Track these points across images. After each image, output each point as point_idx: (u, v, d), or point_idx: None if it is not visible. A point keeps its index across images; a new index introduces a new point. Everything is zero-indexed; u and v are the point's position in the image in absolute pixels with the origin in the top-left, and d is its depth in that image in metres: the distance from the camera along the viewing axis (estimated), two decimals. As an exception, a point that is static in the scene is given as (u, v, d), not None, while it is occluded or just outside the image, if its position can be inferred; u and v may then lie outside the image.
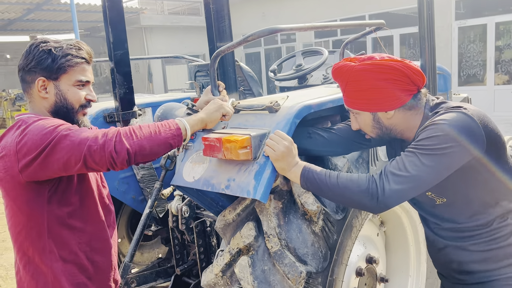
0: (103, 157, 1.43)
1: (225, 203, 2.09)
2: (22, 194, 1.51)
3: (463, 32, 11.72)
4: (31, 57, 1.56)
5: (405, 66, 1.51)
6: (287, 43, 16.08)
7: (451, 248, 1.63)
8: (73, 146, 1.43)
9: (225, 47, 1.89)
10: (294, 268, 1.64)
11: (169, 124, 1.56)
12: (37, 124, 1.48)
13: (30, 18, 14.76)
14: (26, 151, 1.43)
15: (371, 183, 1.44)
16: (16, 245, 1.60)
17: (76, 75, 1.60)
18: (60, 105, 1.59)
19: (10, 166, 1.47)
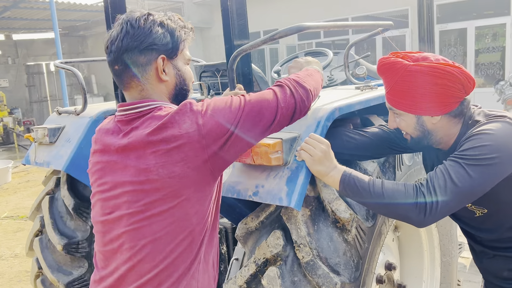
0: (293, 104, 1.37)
1: (242, 210, 1.99)
2: (201, 189, 1.28)
3: (443, 35, 11.93)
4: (143, 32, 1.28)
5: (461, 72, 1.44)
6: (270, 45, 16.03)
7: (500, 257, 1.60)
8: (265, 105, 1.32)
9: (248, 45, 1.80)
10: (328, 279, 1.56)
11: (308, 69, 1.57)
12: (216, 102, 1.29)
13: (6, 16, 14.27)
14: (217, 132, 1.24)
15: (420, 197, 1.36)
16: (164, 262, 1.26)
17: (186, 51, 1.41)
18: (180, 87, 1.38)
19: (192, 156, 1.22)
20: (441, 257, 2.53)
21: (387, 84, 1.54)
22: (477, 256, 1.70)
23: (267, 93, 1.36)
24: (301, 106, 1.40)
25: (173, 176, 1.23)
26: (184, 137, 1.22)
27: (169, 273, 1.27)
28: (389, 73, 1.51)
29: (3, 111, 13.64)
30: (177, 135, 1.22)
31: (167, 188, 1.24)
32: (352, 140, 1.75)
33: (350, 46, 2.67)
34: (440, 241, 2.50)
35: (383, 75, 1.56)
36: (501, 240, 1.55)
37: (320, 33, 14.33)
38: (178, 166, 1.23)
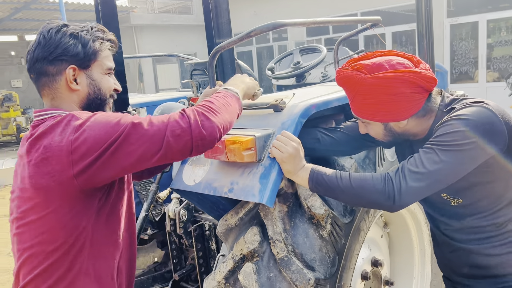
0: (188, 141, 1.24)
1: (226, 207, 2.00)
2: (69, 205, 1.26)
3: (454, 29, 11.75)
4: (53, 44, 1.32)
5: (417, 76, 1.42)
6: (279, 42, 16.01)
7: (463, 251, 1.56)
8: (150, 135, 1.22)
9: (225, 43, 1.81)
10: (302, 275, 1.57)
11: (229, 95, 1.41)
12: (96, 118, 1.25)
13: (17, 17, 14.50)
14: (86, 151, 1.20)
15: (387, 182, 1.37)
16: (38, 267, 1.31)
17: (105, 61, 1.41)
18: (94, 96, 1.39)
19: (58, 170, 1.22)
20: (432, 254, 2.51)
21: (348, 95, 1.55)
22: (439, 248, 1.68)
23: (160, 121, 1.26)
24: (199, 144, 1.27)
25: (40, 188, 1.25)
26: (54, 150, 1.22)
27: (44, 278, 1.31)
28: (347, 85, 1.52)
29: (16, 111, 13.87)
30: (47, 146, 1.23)
31: (36, 199, 1.28)
32: (326, 136, 1.75)
33: (338, 42, 2.66)
34: (430, 238, 2.48)
35: (343, 87, 1.56)
36: (468, 231, 1.53)
37: (329, 29, 14.25)
38: (45, 178, 1.24)
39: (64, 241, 1.29)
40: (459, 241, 1.57)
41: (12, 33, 17.24)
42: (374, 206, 1.49)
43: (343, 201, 1.55)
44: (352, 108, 1.58)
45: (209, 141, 1.28)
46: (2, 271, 4.74)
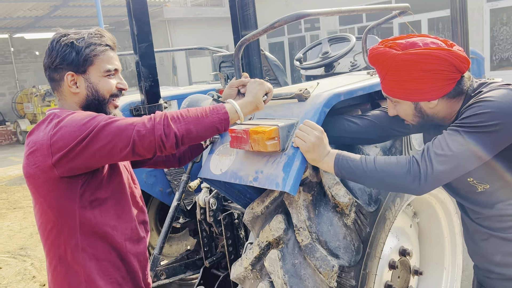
0: (152, 141, 1.39)
1: (253, 196, 2.05)
2: (53, 190, 1.45)
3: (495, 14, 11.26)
4: (54, 53, 1.51)
5: (451, 54, 1.41)
6: (311, 31, 15.85)
7: (495, 238, 1.54)
8: (118, 132, 1.38)
9: (250, 35, 1.84)
10: (326, 262, 1.59)
11: (217, 108, 1.49)
12: (73, 117, 1.43)
13: (57, 15, 15.02)
14: (62, 144, 1.38)
15: (413, 164, 1.37)
16: (46, 245, 1.54)
17: (103, 64, 1.54)
18: (92, 98, 1.54)
19: (41, 161, 1.41)
20: (463, 244, 2.47)
21: (380, 74, 1.54)
22: (470, 236, 1.66)
23: (128, 123, 1.41)
24: (161, 145, 1.40)
25: (29, 176, 1.46)
26: (37, 144, 1.42)
27: (52, 255, 1.54)
28: (379, 63, 1.51)
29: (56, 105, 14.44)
30: (34, 141, 1.45)
31: (30, 186, 1.50)
32: (353, 124, 1.75)
33: (367, 31, 2.64)
34: (461, 228, 2.44)
35: (374, 65, 1.55)
36: (500, 218, 1.51)
37: (363, 17, 13.97)
38: (32, 168, 1.44)
39: (55, 222, 1.49)
40: (491, 229, 1.55)
41: (52, 30, 17.85)
42: (400, 189, 1.48)
43: (368, 185, 1.55)
44: (383, 86, 1.57)
45: (169, 145, 1.41)
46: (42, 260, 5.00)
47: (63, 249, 1.51)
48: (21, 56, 17.32)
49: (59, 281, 1.54)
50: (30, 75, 17.45)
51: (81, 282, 1.52)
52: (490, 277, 1.62)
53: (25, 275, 4.61)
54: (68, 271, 1.52)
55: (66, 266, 1.52)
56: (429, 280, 2.51)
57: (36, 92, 14.31)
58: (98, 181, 1.52)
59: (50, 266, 1.56)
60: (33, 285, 4.36)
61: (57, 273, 1.54)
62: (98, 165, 1.46)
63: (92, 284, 1.52)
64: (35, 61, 17.66)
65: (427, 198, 2.32)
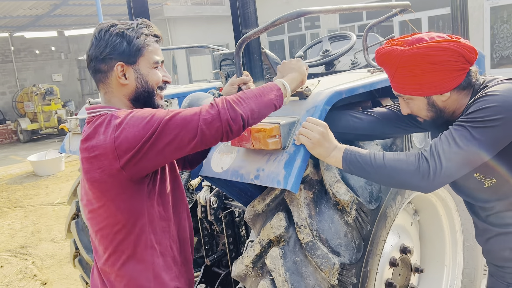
0: (219, 127, 1.37)
1: (253, 193, 2.05)
2: (122, 192, 1.41)
3: (495, 12, 11.25)
4: (103, 43, 1.45)
5: (459, 45, 1.42)
6: (312, 30, 15.84)
7: (503, 235, 1.56)
8: (184, 123, 1.35)
9: (251, 33, 1.83)
10: (327, 260, 1.60)
11: (270, 86, 1.50)
12: (133, 116, 1.38)
13: (57, 14, 15.00)
14: (128, 146, 1.33)
15: (422, 162, 1.36)
16: (111, 246, 1.49)
17: (152, 56, 1.51)
18: (142, 90, 1.50)
19: (107, 165, 1.36)
20: (464, 242, 2.47)
21: (389, 73, 1.54)
22: (480, 235, 1.66)
23: (192, 112, 1.39)
24: (228, 130, 1.39)
25: (95, 180, 1.41)
26: (100, 148, 1.37)
27: (117, 256, 1.50)
28: (388, 62, 1.51)
29: (57, 104, 14.42)
30: (95, 145, 1.38)
31: (93, 190, 1.45)
32: (357, 120, 1.76)
33: (367, 29, 2.63)
34: (462, 226, 2.44)
35: (383, 65, 1.56)
36: (508, 214, 1.51)
37: (363, 15, 13.96)
38: (97, 172, 1.39)
39: (125, 223, 1.45)
40: (499, 226, 1.56)
41: (52, 29, 17.88)
42: (408, 186, 1.47)
43: (376, 181, 1.55)
44: (394, 85, 1.57)
45: (236, 128, 1.39)
46: (47, 256, 5.01)
47: (132, 248, 1.48)
48: (21, 55, 17.32)
49: (126, 280, 1.50)
50: (31, 74, 17.46)
51: (150, 279, 1.51)
52: (502, 270, 1.63)
53: (26, 274, 4.62)
54: (135, 269, 1.50)
55: (134, 265, 1.49)
56: (430, 277, 2.51)
57: (36, 91, 14.31)
58: (160, 177, 1.52)
59: (114, 267, 1.50)
60: (34, 284, 4.37)
61: (124, 272, 1.50)
62: (166, 161, 1.43)
63: (159, 280, 1.52)
64: (35, 59, 17.66)
65: (428, 196, 2.32)
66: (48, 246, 5.33)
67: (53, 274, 4.55)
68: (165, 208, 1.54)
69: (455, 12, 2.95)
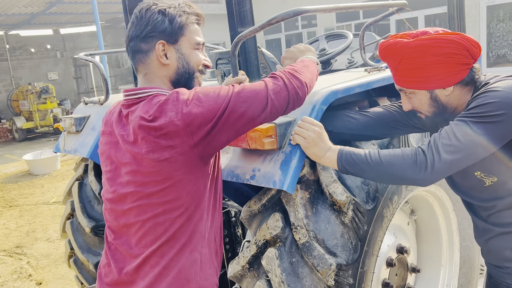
0: (286, 96, 1.39)
1: (249, 193, 2.04)
2: (191, 172, 1.35)
3: (491, 11, 11.28)
4: (144, 21, 1.40)
5: (463, 38, 1.41)
6: (308, 28, 15.84)
7: (504, 234, 1.55)
8: (254, 93, 1.35)
9: (247, 31, 1.81)
10: (323, 260, 1.58)
11: (305, 60, 1.61)
12: (201, 92, 1.34)
13: (52, 12, 14.93)
14: (202, 120, 1.29)
15: (419, 155, 1.36)
16: (165, 234, 1.37)
17: (193, 36, 1.47)
18: (183, 70, 1.45)
19: (179, 142, 1.30)
20: (461, 242, 2.47)
21: (392, 66, 1.53)
22: (480, 235, 1.65)
23: (258, 84, 1.39)
24: (295, 98, 1.42)
25: (163, 160, 1.32)
26: (170, 126, 1.29)
27: (171, 244, 1.39)
28: (391, 55, 1.50)
29: (53, 103, 14.35)
30: (163, 123, 1.30)
31: (158, 171, 1.33)
32: (353, 120, 1.75)
33: (364, 28, 2.62)
34: (459, 225, 2.44)
35: (386, 59, 1.54)
36: (508, 213, 1.51)
37: (360, 14, 13.96)
38: (167, 151, 1.31)
39: (188, 207, 1.38)
40: (499, 225, 1.55)
41: (47, 27, 17.79)
42: (406, 181, 1.45)
43: (373, 178, 1.54)
44: (396, 79, 1.55)
45: (302, 96, 1.45)
46: (43, 256, 4.98)
47: (189, 235, 1.40)
48: (17, 53, 17.21)
49: (176, 271, 1.38)
50: (26, 72, 17.35)
51: (197, 271, 1.42)
52: (500, 271, 1.62)
53: (21, 274, 4.59)
54: (188, 259, 1.40)
55: (187, 255, 1.40)
56: (427, 277, 2.51)
57: (32, 90, 14.23)
58: (215, 163, 1.48)
59: (165, 257, 1.39)
60: (29, 284, 4.34)
61: (176, 263, 1.39)
62: (237, 135, 1.39)
63: (204, 273, 1.44)
64: (30, 58, 17.56)
65: (425, 195, 2.32)
66: (43, 245, 5.29)
67: (48, 274, 4.52)
68: (215, 195, 1.49)
69: (451, 11, 2.95)
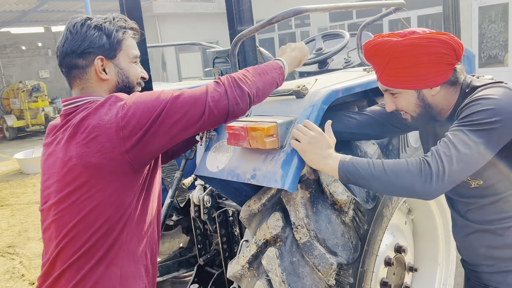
0: (225, 105, 1.35)
1: (248, 193, 2.03)
2: (118, 181, 1.31)
3: (483, 12, 11.38)
4: (80, 37, 1.38)
5: (452, 39, 1.42)
6: (302, 28, 15.85)
7: (481, 232, 1.55)
8: (192, 100, 1.32)
9: (247, 30, 1.81)
10: (324, 260, 1.58)
11: (272, 64, 1.53)
12: (139, 96, 1.32)
13: (44, 9, 14.78)
14: (135, 125, 1.26)
15: (424, 166, 1.34)
16: (86, 245, 1.33)
17: (131, 50, 1.46)
18: (123, 85, 1.45)
19: (109, 147, 1.27)
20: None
21: (379, 66, 1.52)
22: (458, 230, 1.65)
23: (199, 90, 1.36)
24: (235, 108, 1.37)
25: (90, 166, 1.29)
26: (102, 128, 1.28)
27: (88, 258, 1.35)
28: (379, 54, 1.49)
29: (44, 101, 14.21)
30: (96, 126, 1.29)
31: (83, 178, 1.31)
32: (352, 120, 1.75)
33: (362, 27, 2.62)
34: (455, 224, 2.45)
35: (373, 58, 1.53)
36: (487, 211, 1.51)
37: (353, 14, 14.00)
38: (95, 156, 1.28)
39: (109, 217, 1.33)
40: (478, 222, 1.55)
41: (38, 25, 17.61)
42: (411, 193, 1.40)
43: (376, 189, 1.51)
44: (383, 78, 1.53)
45: (243, 106, 1.40)
46: (35, 256, 4.93)
47: (107, 249, 1.35)
48: (7, 51, 17.01)
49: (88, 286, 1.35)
50: (17, 70, 17.17)
51: (116, 285, 1.38)
52: (476, 271, 1.62)
53: (14, 274, 4.54)
54: (105, 272, 1.36)
55: (104, 267, 1.36)
56: (423, 276, 2.52)
57: (22, 88, 14.08)
58: (152, 173, 1.44)
59: (79, 272, 1.35)
60: (22, 284, 4.29)
61: (91, 276, 1.35)
62: (173, 142, 1.36)
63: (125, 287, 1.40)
64: (21, 56, 17.36)
65: (422, 195, 2.33)
66: (36, 245, 5.24)
67: (41, 274, 4.48)
68: (146, 210, 1.43)
69: (446, 11, 2.97)
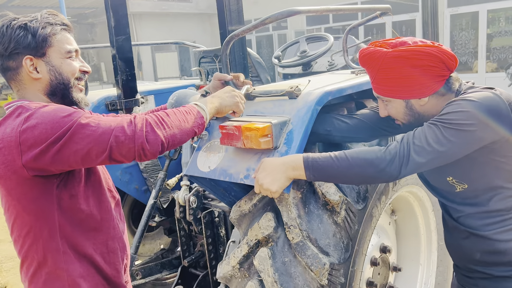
0: (131, 149, 1.28)
1: (237, 194, 2.02)
2: (28, 191, 1.33)
3: (454, 19, 11.73)
4: (6, 39, 1.37)
5: (440, 51, 1.46)
6: (279, 31, 15.93)
7: (475, 237, 1.57)
8: (95, 136, 1.26)
9: (239, 30, 1.81)
10: (317, 260, 1.59)
11: (192, 112, 1.45)
12: (45, 111, 1.28)
13: (15, 5, 14.33)
14: (33, 142, 1.24)
15: (387, 150, 1.40)
16: (22, 251, 1.42)
17: (63, 45, 1.42)
18: (56, 82, 1.41)
19: (10, 160, 1.27)
20: (438, 241, 2.54)
21: (371, 73, 1.57)
22: (450, 235, 1.69)
23: (107, 126, 1.30)
24: (141, 153, 1.31)
25: (1, 177, 1.32)
26: (5, 141, 1.28)
27: (30, 262, 1.42)
28: (370, 63, 1.54)
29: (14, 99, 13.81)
30: (0, 137, 1.30)
31: (1, 188, 1.36)
32: (342, 123, 1.77)
33: (348, 30, 2.66)
34: (437, 225, 2.51)
35: (365, 66, 1.58)
36: (479, 216, 1.55)
37: (329, 18, 14.17)
38: (1, 168, 1.30)
39: (32, 226, 1.37)
40: (470, 227, 1.58)
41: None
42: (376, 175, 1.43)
43: (344, 181, 1.54)
44: (374, 86, 1.59)
45: (151, 153, 1.32)
46: (7, 258, 4.76)
47: (42, 254, 1.39)
48: (-25, 46, 16.42)
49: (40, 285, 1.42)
50: (-15, 67, 16.59)
51: (65, 287, 1.42)
52: (471, 277, 1.64)
53: (-15, 277, 4.37)
54: (49, 277, 1.41)
55: (47, 272, 1.41)
56: (406, 276, 2.57)
57: (-9, 85, 13.63)
58: (77, 180, 1.41)
59: (27, 275, 1.44)
60: (-6, 288, 4.14)
61: (37, 280, 1.42)
62: (70, 168, 1.34)
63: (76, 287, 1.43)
64: (-10, 52, 16.79)
65: (406, 196, 2.38)
66: (7, 247, 5.06)
67: (13, 277, 4.32)
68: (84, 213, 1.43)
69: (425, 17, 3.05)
